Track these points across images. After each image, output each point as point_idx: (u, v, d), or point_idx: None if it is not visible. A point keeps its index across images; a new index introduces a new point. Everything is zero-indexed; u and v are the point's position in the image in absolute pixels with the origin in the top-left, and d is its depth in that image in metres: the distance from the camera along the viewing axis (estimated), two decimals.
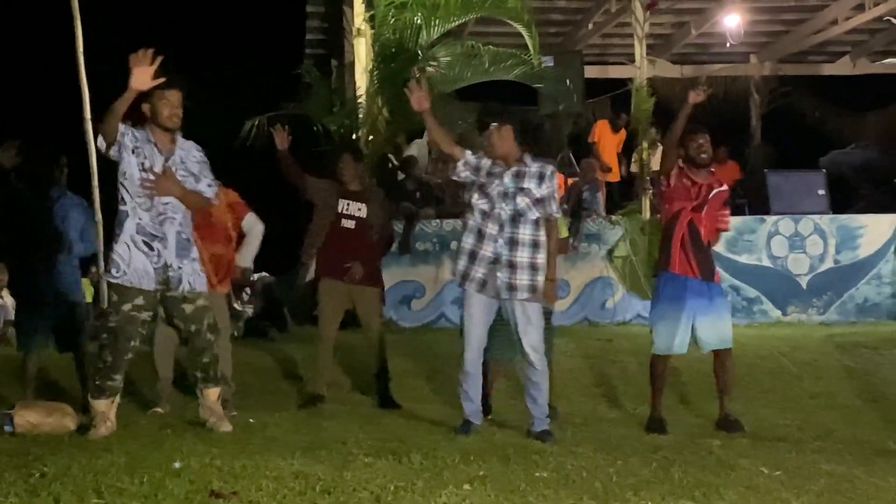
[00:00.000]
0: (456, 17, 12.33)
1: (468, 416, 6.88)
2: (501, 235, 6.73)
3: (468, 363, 6.86)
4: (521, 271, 6.70)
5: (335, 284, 8.28)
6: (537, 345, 6.80)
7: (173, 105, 6.46)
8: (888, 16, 13.69)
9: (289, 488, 4.80)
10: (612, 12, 15.42)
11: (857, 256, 12.62)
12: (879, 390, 8.78)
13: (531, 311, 6.77)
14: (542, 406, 6.85)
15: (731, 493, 5.18)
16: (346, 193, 8.35)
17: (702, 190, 7.34)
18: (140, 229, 6.40)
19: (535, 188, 6.73)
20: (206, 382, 6.65)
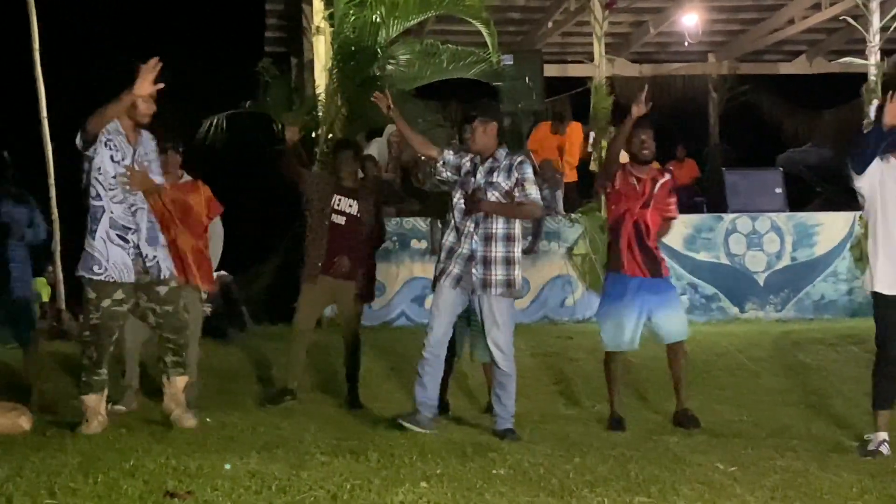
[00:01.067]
0: (415, 16, 12.31)
1: (417, 405, 6.87)
2: (477, 232, 6.79)
3: (427, 349, 6.87)
4: (496, 267, 6.75)
5: (321, 279, 8.25)
6: (503, 345, 6.83)
7: (151, 101, 6.49)
8: (844, 15, 13.78)
9: (244, 487, 4.78)
10: (570, 11, 15.47)
11: (814, 254, 12.70)
12: (835, 387, 8.86)
13: (500, 311, 6.80)
14: (506, 405, 6.88)
15: (687, 489, 5.20)
16: (341, 189, 8.33)
17: (647, 185, 7.41)
18: (113, 223, 6.45)
19: (503, 181, 6.80)
20: (175, 367, 6.66)
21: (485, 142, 6.85)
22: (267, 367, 9.37)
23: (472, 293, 6.84)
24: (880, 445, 6.35)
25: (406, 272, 11.95)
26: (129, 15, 18.64)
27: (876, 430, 6.48)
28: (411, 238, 11.92)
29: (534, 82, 13.94)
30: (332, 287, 8.24)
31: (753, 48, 17.78)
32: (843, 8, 14.25)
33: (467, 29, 13.47)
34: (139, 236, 6.48)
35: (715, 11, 16.06)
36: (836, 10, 14.69)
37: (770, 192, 13.03)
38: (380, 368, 9.43)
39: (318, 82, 12.44)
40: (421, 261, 11.83)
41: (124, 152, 6.46)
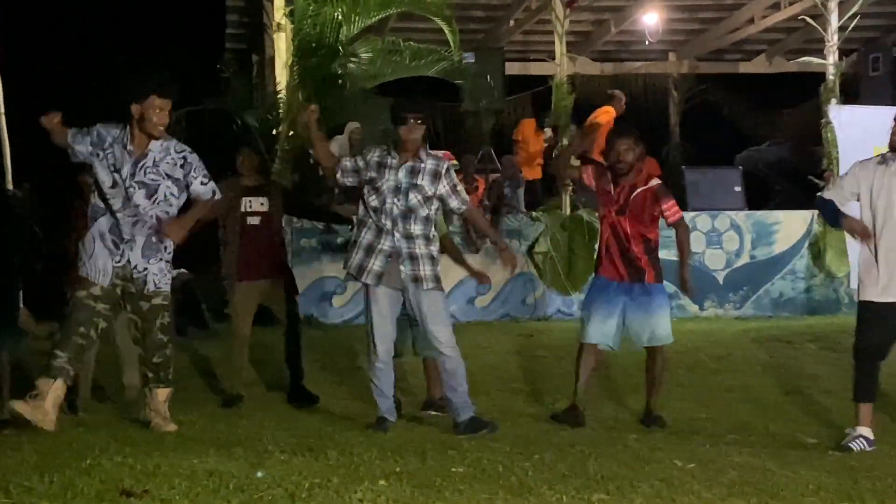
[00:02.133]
0: (376, 13, 12.33)
1: (383, 413, 6.87)
2: (396, 230, 6.73)
3: (379, 359, 6.85)
4: (423, 262, 6.73)
5: (247, 286, 8.22)
6: (445, 336, 6.81)
7: (164, 114, 6.45)
8: (803, 15, 13.89)
9: (202, 486, 4.76)
10: (532, 9, 15.52)
11: (773, 252, 12.80)
12: (793, 384, 8.92)
13: (435, 303, 6.79)
14: (462, 394, 6.85)
15: (645, 486, 5.23)
16: (248, 190, 8.27)
17: (623, 192, 7.35)
18: (112, 229, 6.46)
19: (428, 186, 6.75)
20: (156, 382, 6.63)
21: (416, 140, 6.77)
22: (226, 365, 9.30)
23: (400, 289, 6.79)
24: (854, 441, 6.41)
25: None
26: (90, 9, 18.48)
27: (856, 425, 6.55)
28: None
29: (495, 80, 13.98)
30: (256, 290, 8.21)
31: (713, 47, 17.90)
32: (801, 7, 14.38)
33: (429, 27, 13.50)
34: (132, 247, 6.46)
35: (675, 10, 16.17)
36: (794, 10, 14.82)
37: (729, 191, 13.12)
38: (340, 366, 9.41)
39: (278, 79, 12.43)
40: None
41: (122, 162, 6.43)
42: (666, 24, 16.06)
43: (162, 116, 6.46)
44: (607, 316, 7.36)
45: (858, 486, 5.41)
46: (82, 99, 11.15)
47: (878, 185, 6.51)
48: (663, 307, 7.44)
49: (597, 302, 7.42)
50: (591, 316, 7.40)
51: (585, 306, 7.59)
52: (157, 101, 6.43)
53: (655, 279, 7.42)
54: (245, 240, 8.19)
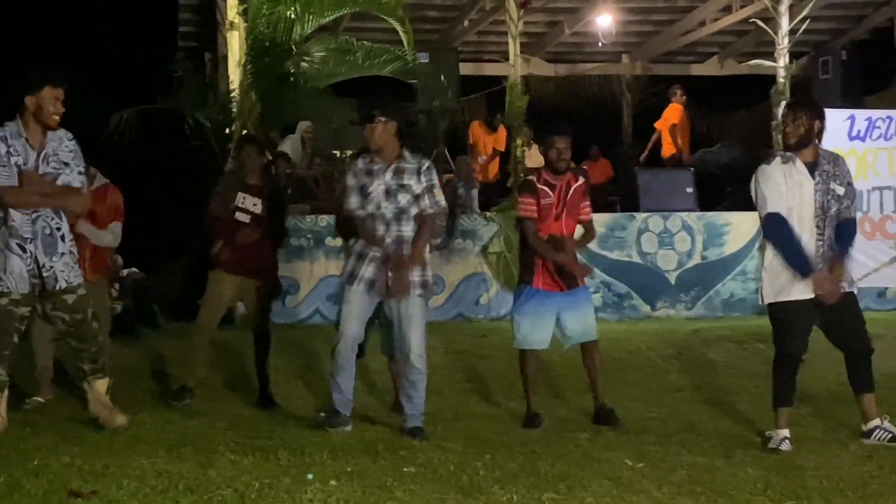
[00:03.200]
0: (330, 12, 12.31)
1: (336, 406, 6.83)
2: (388, 235, 6.71)
3: (341, 355, 6.82)
4: (411, 269, 6.70)
5: (225, 276, 8.16)
6: (419, 345, 6.79)
7: (59, 103, 6.36)
8: (754, 18, 14.02)
9: (150, 487, 4.74)
10: (486, 10, 15.54)
11: (724, 253, 12.90)
12: (742, 383, 8.99)
13: (418, 311, 6.77)
14: (416, 404, 6.85)
15: (595, 485, 5.27)
16: (246, 187, 8.19)
17: (560, 192, 7.38)
18: (14, 232, 6.33)
19: (415, 184, 6.73)
20: (94, 373, 6.57)
21: (385, 139, 6.71)
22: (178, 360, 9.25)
23: (386, 295, 6.79)
24: (781, 443, 6.46)
25: (320, 270, 11.91)
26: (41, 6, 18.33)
27: (777, 428, 6.58)
28: (326, 235, 11.86)
29: (449, 80, 13.98)
30: (237, 285, 8.17)
31: (666, 49, 18.03)
32: (753, 11, 14.51)
33: (383, 26, 13.48)
34: (36, 244, 6.36)
35: (628, 13, 16.27)
36: (746, 13, 14.96)
37: (681, 192, 13.22)
38: (293, 366, 9.38)
39: (231, 78, 12.36)
40: (335, 259, 11.75)
41: (26, 156, 6.34)
42: (619, 26, 16.16)
43: (58, 106, 6.38)
44: (542, 320, 7.42)
45: (805, 484, 5.48)
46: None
47: (790, 183, 6.56)
48: (590, 303, 7.65)
49: (530, 309, 7.43)
50: (527, 322, 7.44)
51: (518, 313, 7.54)
52: (52, 90, 6.36)
53: (582, 282, 7.56)
54: (230, 234, 8.14)
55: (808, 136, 6.53)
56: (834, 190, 6.53)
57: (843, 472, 5.80)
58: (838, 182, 6.56)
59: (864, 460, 6.11)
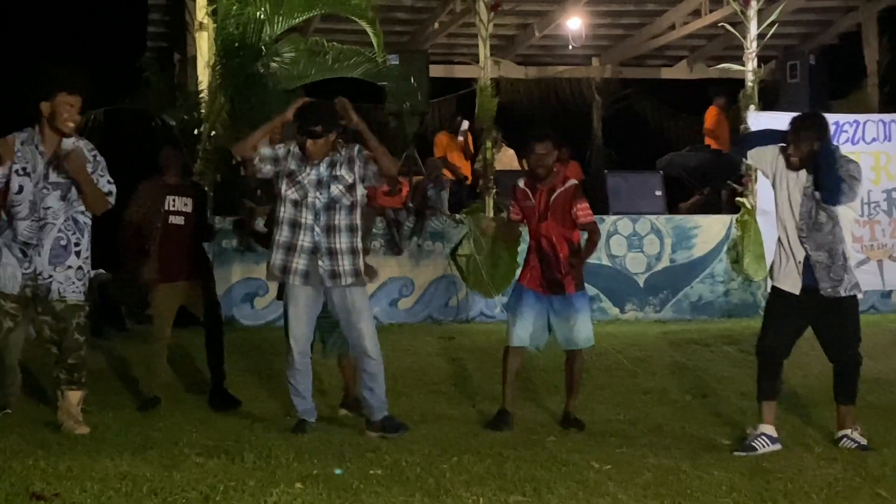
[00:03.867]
0: (300, 14, 12.26)
1: (301, 415, 6.84)
2: (318, 224, 6.71)
3: (296, 360, 6.82)
4: (342, 257, 6.70)
5: (167, 287, 8.15)
6: (368, 333, 6.79)
7: (75, 110, 6.36)
8: (723, 22, 14.08)
9: (114, 489, 4.71)
10: (456, 12, 15.54)
11: (692, 256, 12.94)
12: (709, 386, 9.04)
13: (357, 299, 6.77)
14: (379, 395, 6.84)
15: (561, 488, 5.28)
16: (171, 189, 8.21)
17: (542, 197, 7.38)
18: (16, 237, 6.37)
19: (347, 174, 6.76)
20: (69, 384, 6.56)
21: (327, 149, 6.76)
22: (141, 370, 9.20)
23: (321, 285, 6.76)
24: (755, 440, 6.50)
25: None
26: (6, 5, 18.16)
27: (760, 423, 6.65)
28: None
29: (419, 83, 13.95)
30: (176, 291, 8.16)
31: (636, 53, 18.06)
32: (722, 15, 14.56)
33: (353, 28, 13.47)
34: (40, 252, 6.36)
35: (598, 16, 16.29)
36: (715, 17, 15.00)
37: (650, 195, 13.25)
38: (261, 368, 9.35)
39: (200, 79, 12.30)
40: None
41: (34, 163, 6.34)
42: (589, 29, 16.17)
43: (73, 113, 6.38)
44: (533, 318, 7.40)
45: (770, 487, 5.51)
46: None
47: (780, 174, 6.65)
48: (583, 312, 7.48)
49: (522, 305, 7.43)
50: (517, 319, 7.42)
51: (511, 309, 7.59)
52: (67, 97, 6.36)
53: (576, 289, 7.46)
54: (165, 239, 8.12)
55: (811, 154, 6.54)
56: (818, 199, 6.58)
57: (809, 474, 5.83)
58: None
59: (829, 463, 6.15)
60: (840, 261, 6.57)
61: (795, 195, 6.58)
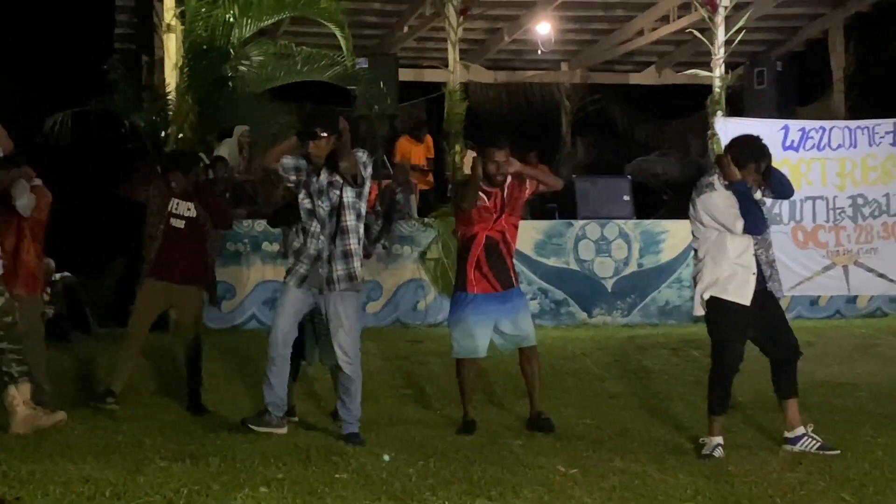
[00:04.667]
0: (269, 16, 12.24)
1: (267, 405, 6.81)
2: (323, 232, 6.78)
3: (273, 348, 6.83)
4: (337, 263, 6.74)
5: (157, 284, 8.13)
6: (349, 348, 6.79)
7: None
8: (691, 28, 14.15)
9: (77, 493, 4.68)
10: (426, 16, 15.54)
11: (660, 260, 12.99)
12: (676, 390, 9.07)
13: (346, 309, 6.77)
14: (351, 410, 6.85)
15: (527, 492, 5.28)
16: (177, 194, 8.17)
17: (497, 198, 7.39)
18: None
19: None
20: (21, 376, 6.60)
21: (326, 153, 6.76)
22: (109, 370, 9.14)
23: (319, 293, 6.80)
24: (714, 450, 6.52)
25: (257, 275, 11.83)
26: None
27: (710, 435, 6.64)
28: (263, 241, 11.80)
29: (388, 86, 13.96)
30: (168, 292, 8.13)
31: (605, 58, 18.14)
32: (689, 21, 14.64)
33: (322, 31, 13.45)
34: None
35: (568, 21, 16.35)
36: (683, 23, 15.09)
37: (618, 200, 13.29)
38: (227, 372, 9.31)
39: (168, 81, 12.23)
40: (272, 263, 11.72)
41: None
42: (558, 34, 16.22)
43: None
44: (480, 329, 7.41)
45: (735, 490, 5.53)
46: None
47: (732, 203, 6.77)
48: (526, 306, 7.63)
49: (468, 317, 7.41)
50: (464, 331, 7.43)
51: (452, 322, 7.56)
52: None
53: (517, 282, 7.56)
54: (165, 240, 8.12)
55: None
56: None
57: (773, 478, 5.86)
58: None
59: (792, 466, 6.18)
60: (774, 262, 6.81)
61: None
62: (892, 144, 12.91)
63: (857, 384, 9.29)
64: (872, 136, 12.90)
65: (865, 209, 12.86)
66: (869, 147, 12.89)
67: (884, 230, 12.85)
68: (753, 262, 6.62)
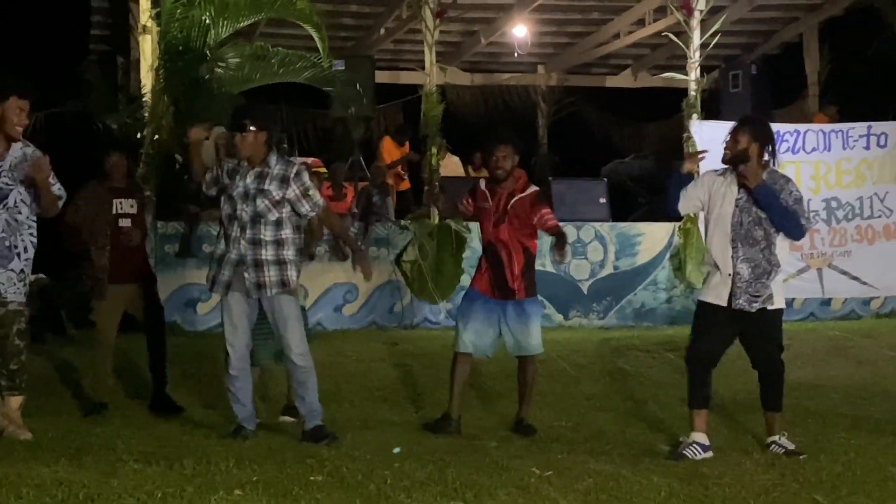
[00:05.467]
0: (245, 17, 12.19)
1: (240, 421, 6.81)
2: (244, 237, 6.70)
3: (233, 366, 6.80)
4: (267, 268, 6.68)
5: (114, 288, 8.10)
6: (296, 342, 6.77)
7: (23, 115, 6.33)
8: (667, 32, 14.20)
9: (50, 496, 4.66)
10: (403, 18, 15.54)
11: (635, 263, 13.02)
12: (651, 392, 9.10)
13: (286, 308, 6.74)
14: (310, 403, 6.82)
15: (502, 494, 5.29)
16: (118, 192, 8.21)
17: (501, 200, 7.39)
18: None
19: (275, 190, 6.71)
20: (10, 390, 6.51)
21: (255, 148, 6.72)
22: (84, 372, 9.11)
23: (247, 297, 6.75)
24: (687, 448, 6.55)
25: None
26: None
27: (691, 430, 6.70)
28: None
29: (365, 88, 13.97)
30: (124, 293, 8.12)
31: (581, 61, 18.17)
32: (665, 24, 14.69)
33: (299, 33, 13.42)
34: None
35: (544, 24, 16.38)
36: (659, 27, 15.13)
37: (594, 202, 13.32)
38: (202, 374, 9.27)
39: (144, 82, 12.19)
40: None
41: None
42: (535, 36, 16.25)
43: (22, 117, 6.36)
44: (483, 325, 7.42)
45: (709, 492, 5.55)
46: None
47: (716, 193, 6.72)
48: (535, 318, 7.51)
49: (472, 311, 7.45)
50: (467, 325, 7.44)
51: (459, 314, 7.60)
52: (17, 101, 6.35)
53: (527, 294, 7.47)
54: (115, 242, 8.10)
55: (743, 154, 6.59)
56: (758, 213, 6.57)
57: (746, 480, 5.89)
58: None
59: (766, 468, 6.21)
60: (763, 279, 6.58)
61: (726, 208, 6.64)
62: (866, 148, 13.01)
63: (831, 386, 9.36)
64: (846, 139, 12.99)
65: (839, 212, 12.94)
66: (843, 150, 12.97)
67: (857, 233, 12.95)
68: (730, 264, 6.61)
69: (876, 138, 13.03)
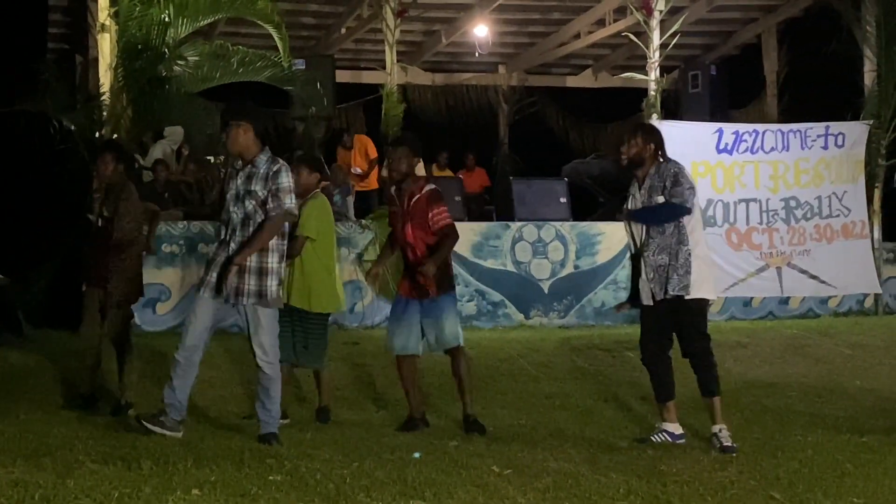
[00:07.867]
0: (205, 17, 12.11)
1: (166, 407, 6.74)
2: (234, 239, 6.69)
3: (180, 364, 6.77)
4: (248, 276, 6.64)
5: (89, 291, 8.11)
6: (267, 349, 6.74)
7: None
8: (627, 32, 14.27)
9: (5, 497, 4.62)
10: (363, 18, 15.53)
11: (596, 262, 13.07)
12: (610, 390, 9.14)
13: (262, 318, 6.72)
14: (269, 410, 6.79)
15: (461, 492, 5.29)
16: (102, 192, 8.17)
17: (405, 200, 7.51)
18: None
19: (260, 190, 6.67)
20: None
21: (242, 144, 6.70)
22: (41, 373, 9.04)
23: (225, 301, 6.70)
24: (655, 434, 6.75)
25: (192, 277, 11.69)
26: None
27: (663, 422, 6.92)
28: (198, 242, 11.71)
29: (326, 88, 13.94)
30: (95, 295, 8.07)
31: (542, 61, 18.24)
32: (625, 25, 14.77)
33: (259, 32, 13.38)
34: None
35: (505, 24, 16.43)
36: (619, 27, 15.22)
37: (555, 202, 13.35)
38: (161, 375, 9.17)
39: (102, 81, 12.09)
40: None
41: None
42: (496, 36, 16.30)
43: None
44: (405, 326, 7.55)
45: (667, 490, 5.58)
46: None
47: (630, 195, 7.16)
48: (448, 312, 7.58)
49: (395, 314, 7.64)
50: (393, 328, 7.62)
51: (389, 319, 7.80)
52: None
53: (440, 292, 7.54)
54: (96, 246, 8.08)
55: (639, 156, 6.98)
56: (655, 201, 6.93)
57: (704, 477, 5.93)
58: (658, 192, 6.94)
59: (724, 465, 6.26)
60: (681, 261, 6.84)
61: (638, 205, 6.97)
62: (824, 148, 13.16)
63: (788, 384, 9.43)
64: (805, 139, 13.12)
65: (798, 211, 13.07)
66: (801, 150, 13.11)
67: (816, 232, 13.08)
68: (642, 263, 6.97)
69: (834, 138, 13.18)
